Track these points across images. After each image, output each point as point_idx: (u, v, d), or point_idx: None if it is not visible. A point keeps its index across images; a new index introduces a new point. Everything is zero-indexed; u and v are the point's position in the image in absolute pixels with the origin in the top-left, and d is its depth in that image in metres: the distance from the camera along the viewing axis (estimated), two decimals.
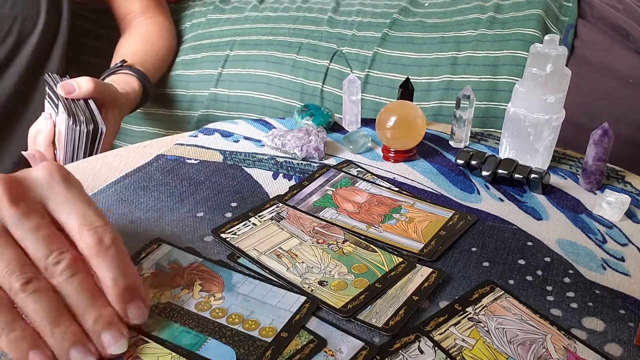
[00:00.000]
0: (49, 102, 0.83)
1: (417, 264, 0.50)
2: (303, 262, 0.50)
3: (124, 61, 0.94)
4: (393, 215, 0.57)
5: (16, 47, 0.91)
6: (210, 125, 0.77)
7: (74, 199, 0.41)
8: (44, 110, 0.83)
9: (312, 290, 0.47)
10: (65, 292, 0.38)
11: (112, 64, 0.96)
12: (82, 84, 0.79)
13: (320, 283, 0.47)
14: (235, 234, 0.53)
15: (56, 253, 0.38)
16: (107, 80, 0.90)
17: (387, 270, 0.49)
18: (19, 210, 0.38)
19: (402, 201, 0.59)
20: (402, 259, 0.50)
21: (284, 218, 0.56)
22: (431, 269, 0.49)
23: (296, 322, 0.43)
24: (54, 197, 0.40)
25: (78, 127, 0.76)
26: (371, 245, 0.52)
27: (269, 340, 0.41)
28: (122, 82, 0.91)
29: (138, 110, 1.03)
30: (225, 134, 0.74)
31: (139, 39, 1.02)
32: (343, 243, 0.52)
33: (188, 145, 0.71)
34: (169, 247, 0.51)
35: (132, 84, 0.92)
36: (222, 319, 0.43)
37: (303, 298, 0.45)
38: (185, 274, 0.48)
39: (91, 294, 0.38)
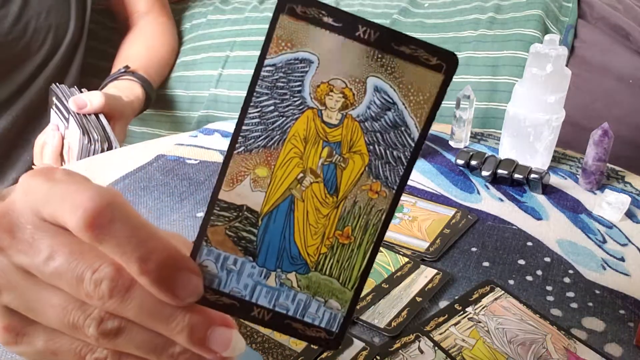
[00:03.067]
0: (56, 113, 0.82)
1: (422, 265, 0.50)
2: None
3: (127, 67, 0.94)
4: (396, 214, 0.57)
5: (49, 56, 0.92)
6: (210, 126, 0.77)
7: (54, 193, 0.29)
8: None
9: None
10: (129, 315, 0.28)
11: (115, 67, 0.96)
12: (94, 100, 0.79)
13: None
14: None
15: (89, 273, 0.27)
16: (110, 86, 0.91)
17: (393, 270, 0.49)
18: (23, 247, 0.28)
19: (403, 200, 0.59)
20: (407, 259, 0.50)
21: None
22: (435, 270, 0.49)
23: None
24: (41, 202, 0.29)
25: (92, 146, 0.77)
26: None
27: (299, 350, 0.41)
28: (126, 89, 0.91)
29: None
30: (225, 134, 0.74)
31: (142, 42, 1.02)
32: None
33: (188, 145, 0.71)
34: None
35: (135, 90, 0.92)
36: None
37: None
38: None
39: (157, 301, 0.28)
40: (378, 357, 0.41)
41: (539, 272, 0.50)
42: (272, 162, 0.28)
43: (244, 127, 0.27)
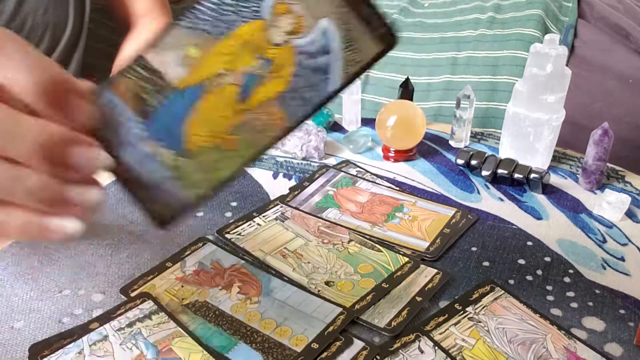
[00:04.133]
0: None
1: (422, 264, 0.50)
2: (309, 263, 0.50)
3: None
4: (396, 214, 0.57)
5: (47, 54, 0.91)
6: None
7: None
8: None
9: (319, 291, 0.46)
10: None
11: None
12: None
13: (327, 283, 0.47)
14: (240, 234, 0.53)
15: None
16: None
17: (393, 270, 0.49)
18: None
19: (404, 200, 0.59)
20: (408, 259, 0.50)
21: (288, 218, 0.56)
22: (435, 270, 0.49)
23: (329, 333, 0.42)
24: None
25: None
26: (377, 245, 0.52)
27: (299, 350, 0.41)
28: None
29: None
30: None
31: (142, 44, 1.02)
32: (348, 243, 0.52)
33: None
34: (214, 246, 0.52)
35: None
36: (255, 323, 0.43)
37: (339, 309, 0.44)
38: (226, 275, 0.48)
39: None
40: (378, 357, 0.41)
41: (539, 272, 0.50)
42: (207, 48, 0.29)
43: (199, 7, 0.29)
